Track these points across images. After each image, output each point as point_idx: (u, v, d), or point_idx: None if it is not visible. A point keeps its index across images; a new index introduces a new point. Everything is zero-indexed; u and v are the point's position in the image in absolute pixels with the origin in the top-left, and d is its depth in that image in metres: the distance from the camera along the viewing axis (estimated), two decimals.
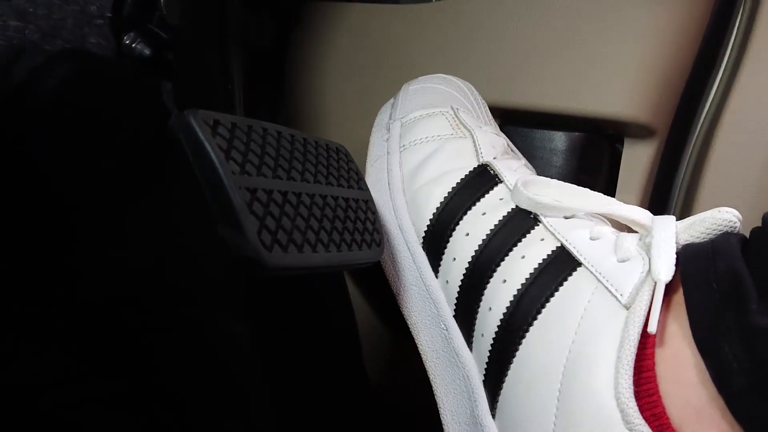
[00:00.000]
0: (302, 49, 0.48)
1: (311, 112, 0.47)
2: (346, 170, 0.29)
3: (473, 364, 0.28)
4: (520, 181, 0.28)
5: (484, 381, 0.27)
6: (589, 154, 0.41)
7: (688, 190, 0.41)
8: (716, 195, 0.40)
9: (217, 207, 0.22)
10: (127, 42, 0.42)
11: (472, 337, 0.28)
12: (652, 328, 0.22)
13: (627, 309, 0.23)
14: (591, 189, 0.29)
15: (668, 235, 0.24)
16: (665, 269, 0.23)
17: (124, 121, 0.34)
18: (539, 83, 0.40)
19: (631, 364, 0.21)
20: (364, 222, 0.28)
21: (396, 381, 0.45)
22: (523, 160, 0.35)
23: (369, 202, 0.30)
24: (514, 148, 0.37)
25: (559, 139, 0.40)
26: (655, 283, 0.23)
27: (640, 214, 0.27)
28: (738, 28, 0.40)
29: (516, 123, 0.42)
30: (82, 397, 0.31)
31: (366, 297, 0.46)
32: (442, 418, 0.29)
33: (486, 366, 0.26)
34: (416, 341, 0.30)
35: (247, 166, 0.23)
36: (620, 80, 0.39)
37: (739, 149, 0.39)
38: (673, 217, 0.26)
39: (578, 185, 0.29)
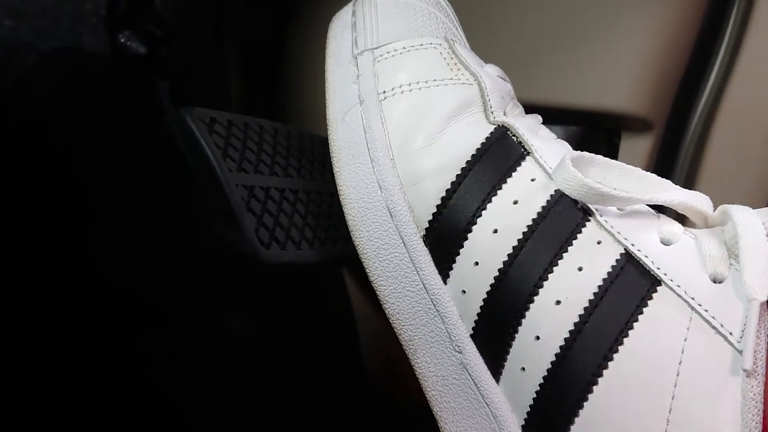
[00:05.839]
0: (300, 44, 0.48)
1: (308, 108, 0.47)
2: None
3: (504, 404, 0.22)
4: (569, 159, 0.22)
5: (523, 427, 0.22)
6: (587, 148, 0.40)
7: (686, 183, 0.41)
8: (714, 187, 0.40)
9: (214, 205, 0.22)
10: (122, 40, 0.41)
11: (503, 367, 0.22)
12: (748, 364, 0.17)
13: (741, 353, 0.18)
14: None
15: (759, 238, 0.19)
16: (762, 283, 0.19)
17: (120, 120, 0.34)
18: (535, 77, 0.40)
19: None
20: None
21: (396, 379, 0.45)
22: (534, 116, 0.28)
23: None
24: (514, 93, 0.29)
25: (556, 134, 0.40)
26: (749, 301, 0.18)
27: (702, 202, 0.22)
28: (734, 20, 0.40)
29: None
30: (82, 394, 0.31)
31: (365, 293, 0.46)
32: None
33: (529, 411, 0.21)
34: (413, 363, 0.24)
35: (243, 163, 0.23)
36: (617, 74, 0.39)
37: (736, 141, 0.39)
38: (751, 209, 0.21)
39: None
